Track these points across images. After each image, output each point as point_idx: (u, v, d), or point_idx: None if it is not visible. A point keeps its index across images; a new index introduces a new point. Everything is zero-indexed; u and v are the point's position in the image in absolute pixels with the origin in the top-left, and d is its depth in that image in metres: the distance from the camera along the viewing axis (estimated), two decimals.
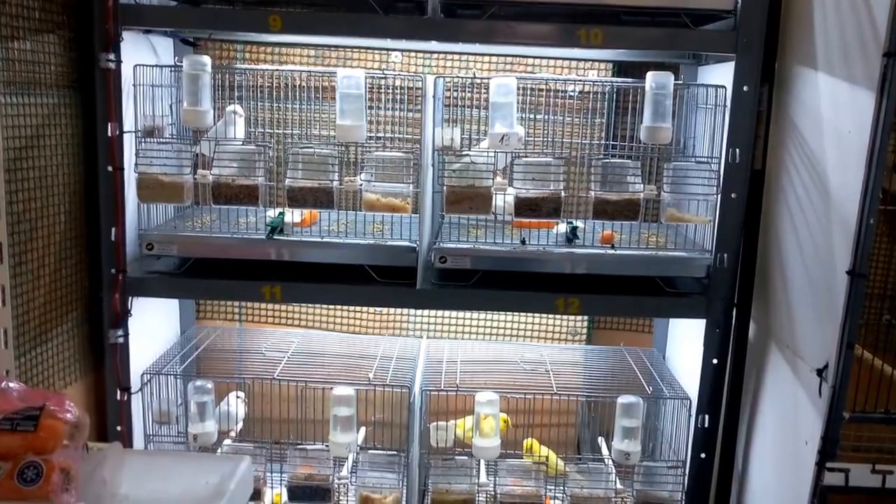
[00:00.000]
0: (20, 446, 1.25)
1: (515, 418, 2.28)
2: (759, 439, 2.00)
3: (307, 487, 2.12)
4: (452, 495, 2.11)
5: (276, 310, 2.56)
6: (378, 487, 2.13)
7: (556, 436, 2.48)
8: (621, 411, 2.10)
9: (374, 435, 2.25)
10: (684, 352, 2.35)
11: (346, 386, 2.09)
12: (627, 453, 2.09)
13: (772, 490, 1.90)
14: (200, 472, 1.49)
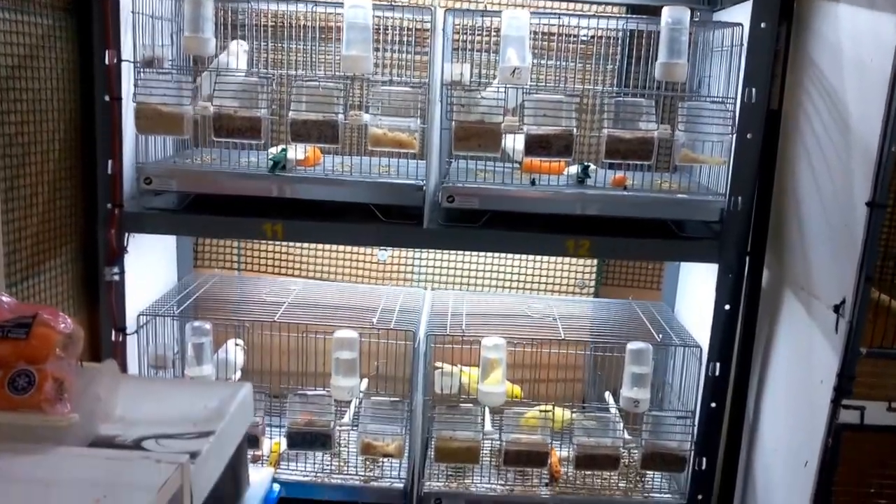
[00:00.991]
0: (11, 354, 1.19)
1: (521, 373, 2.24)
2: (772, 385, 1.95)
3: (307, 434, 2.07)
4: (457, 443, 2.06)
5: (276, 259, 2.51)
6: (380, 434, 2.08)
7: (562, 391, 2.43)
8: (630, 358, 2.05)
9: (376, 383, 2.20)
10: (694, 306, 2.30)
11: (349, 329, 2.04)
12: (636, 400, 2.04)
13: (784, 434, 1.86)
14: (199, 397, 1.43)
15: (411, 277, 2.51)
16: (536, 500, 2.11)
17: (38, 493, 1.07)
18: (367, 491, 2.10)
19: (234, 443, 1.39)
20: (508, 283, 2.50)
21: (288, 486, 2.07)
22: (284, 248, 2.50)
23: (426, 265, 2.49)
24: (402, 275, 2.51)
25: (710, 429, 2.05)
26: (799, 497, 1.72)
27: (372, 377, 2.25)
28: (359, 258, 2.49)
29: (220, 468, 1.31)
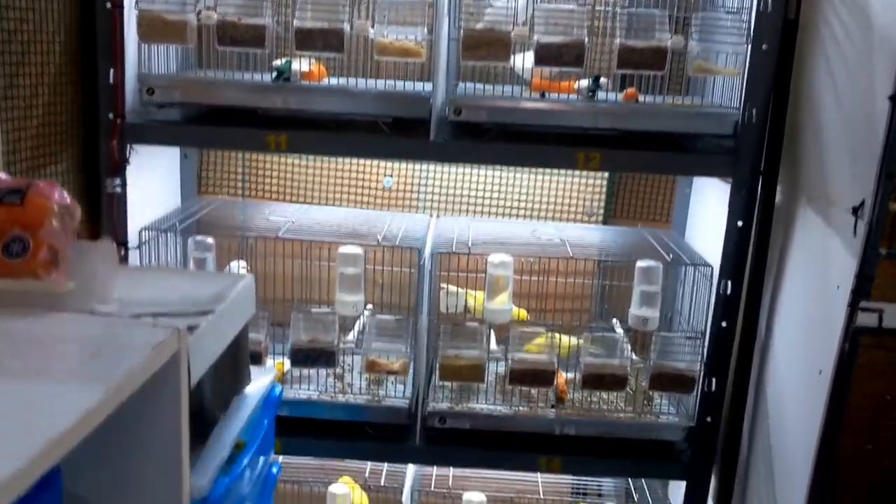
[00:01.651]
0: (6, 220, 1.15)
1: (528, 302, 2.20)
2: (785, 300, 1.90)
3: (311, 351, 2.03)
4: (462, 361, 2.02)
5: (281, 184, 2.47)
6: (385, 352, 2.04)
7: (568, 320, 2.38)
8: (640, 276, 2.00)
9: (381, 303, 2.16)
10: (705, 236, 2.25)
11: (354, 245, 2.00)
12: (645, 318, 2.00)
13: (797, 347, 1.81)
14: (199, 285, 1.39)
15: (416, 205, 2.46)
16: (542, 420, 2.07)
17: (31, 348, 1.03)
18: (371, 410, 2.06)
19: (234, 328, 1.35)
20: (515, 210, 2.45)
21: (291, 406, 2.05)
22: (289, 174, 2.46)
23: (431, 191, 2.44)
24: (408, 202, 2.46)
25: (721, 349, 2.00)
26: (812, 408, 1.67)
27: (376, 304, 2.21)
28: (363, 184, 2.45)
29: (219, 348, 1.27)
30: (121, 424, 1.10)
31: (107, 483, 1.11)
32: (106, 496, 1.11)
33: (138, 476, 1.12)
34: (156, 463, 1.12)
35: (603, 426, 2.08)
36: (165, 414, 1.10)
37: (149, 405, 1.10)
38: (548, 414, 2.08)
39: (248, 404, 1.42)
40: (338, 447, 2.08)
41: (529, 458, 2.07)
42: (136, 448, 1.11)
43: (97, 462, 1.10)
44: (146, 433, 1.11)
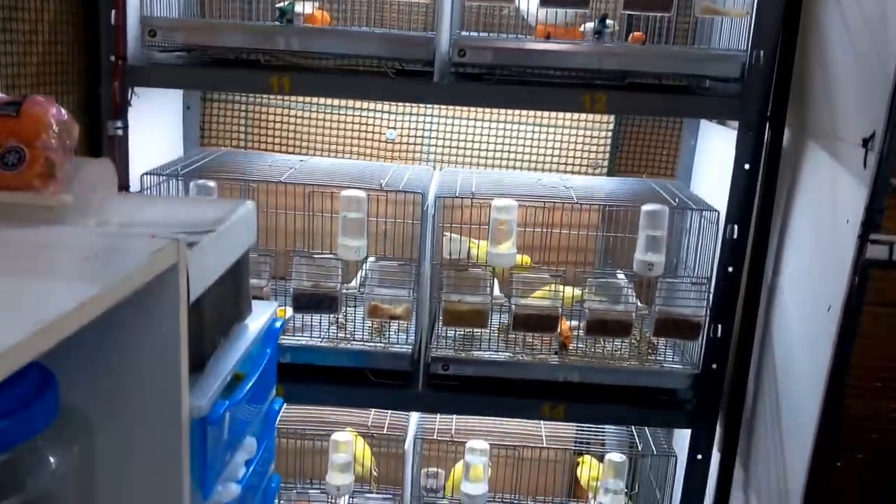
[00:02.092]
0: (1, 131, 1.13)
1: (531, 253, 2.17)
2: (792, 242, 1.87)
3: (313, 296, 2.01)
4: (465, 306, 2.00)
5: (283, 135, 2.44)
6: (388, 297, 2.02)
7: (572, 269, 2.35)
8: (645, 221, 1.97)
9: (384, 248, 2.13)
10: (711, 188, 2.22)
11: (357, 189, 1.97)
12: (650, 263, 1.97)
13: (806, 285, 1.78)
14: (199, 210, 1.37)
15: (420, 157, 2.43)
16: (546, 367, 2.05)
17: (27, 251, 1.01)
18: (373, 356, 2.04)
19: (235, 252, 1.33)
20: (519, 163, 2.42)
21: (293, 352, 2.03)
22: (291, 126, 2.43)
23: (435, 144, 2.41)
24: (411, 154, 2.43)
25: (727, 294, 1.98)
26: (821, 346, 1.65)
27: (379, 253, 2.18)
28: (367, 136, 2.42)
29: (220, 269, 1.25)
30: (119, 338, 1.08)
31: (105, 398, 1.09)
32: (105, 411, 1.09)
33: (137, 392, 1.10)
34: (154, 379, 1.10)
35: (607, 373, 2.05)
36: (164, 328, 1.08)
37: (147, 318, 1.08)
38: (551, 360, 2.05)
39: (250, 335, 1.40)
40: (340, 394, 2.06)
41: (533, 405, 2.05)
42: (135, 363, 1.09)
43: (96, 377, 1.08)
44: (145, 348, 1.09)
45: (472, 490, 2.11)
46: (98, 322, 1.06)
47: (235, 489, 1.24)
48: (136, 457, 1.12)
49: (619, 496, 2.12)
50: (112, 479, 1.12)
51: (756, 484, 1.96)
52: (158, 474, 1.12)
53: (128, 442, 1.11)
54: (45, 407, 0.94)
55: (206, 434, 1.16)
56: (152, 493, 1.13)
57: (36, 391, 0.94)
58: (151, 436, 1.11)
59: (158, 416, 1.10)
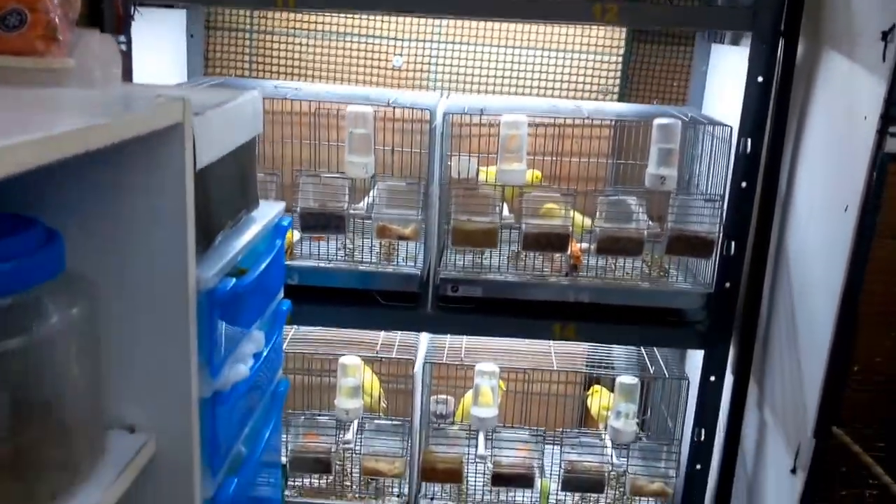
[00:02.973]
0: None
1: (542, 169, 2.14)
2: (807, 150, 1.84)
3: (321, 215, 1.98)
4: (475, 225, 1.97)
5: (289, 62, 2.40)
6: (396, 217, 1.99)
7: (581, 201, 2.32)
8: (657, 134, 1.94)
9: (392, 169, 2.10)
10: (723, 115, 2.18)
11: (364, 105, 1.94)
12: (663, 177, 1.94)
13: (821, 192, 1.75)
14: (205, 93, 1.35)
15: (427, 85, 2.39)
16: (556, 287, 2.02)
17: (32, 103, 0.98)
18: (382, 277, 2.02)
19: (241, 134, 1.30)
20: (529, 89, 2.39)
21: (301, 274, 2.01)
22: (296, 53, 2.40)
23: (442, 71, 2.38)
24: (418, 82, 2.39)
25: (740, 211, 1.94)
26: (838, 250, 1.61)
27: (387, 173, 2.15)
28: (373, 63, 2.38)
29: (225, 144, 1.22)
30: (126, 203, 1.06)
31: (112, 266, 1.07)
32: (111, 279, 1.07)
33: (144, 259, 1.08)
34: (161, 246, 1.08)
35: (618, 294, 2.03)
36: (171, 192, 1.06)
37: (155, 181, 1.05)
38: (562, 281, 2.03)
39: (257, 225, 1.38)
40: (348, 315, 2.05)
41: (543, 326, 2.02)
42: (142, 229, 1.07)
43: (103, 244, 1.06)
44: (152, 213, 1.07)
45: (481, 413, 2.09)
46: (105, 182, 1.04)
47: (244, 370, 1.22)
48: (143, 327, 1.10)
49: (631, 420, 2.09)
50: (118, 349, 1.10)
51: (771, 400, 1.93)
52: (165, 346, 1.10)
53: (134, 311, 1.09)
54: (48, 259, 0.92)
55: (213, 308, 1.14)
56: (159, 364, 1.11)
57: (41, 244, 0.92)
58: (158, 305, 1.09)
59: (165, 285, 1.08)
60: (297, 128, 2.10)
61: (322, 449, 2.15)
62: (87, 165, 1.02)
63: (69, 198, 1.03)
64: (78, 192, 1.03)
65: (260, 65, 2.41)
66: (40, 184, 1.03)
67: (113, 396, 1.12)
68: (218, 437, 1.19)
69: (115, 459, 1.07)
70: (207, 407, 1.17)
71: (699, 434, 2.09)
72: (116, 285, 1.08)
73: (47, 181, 1.02)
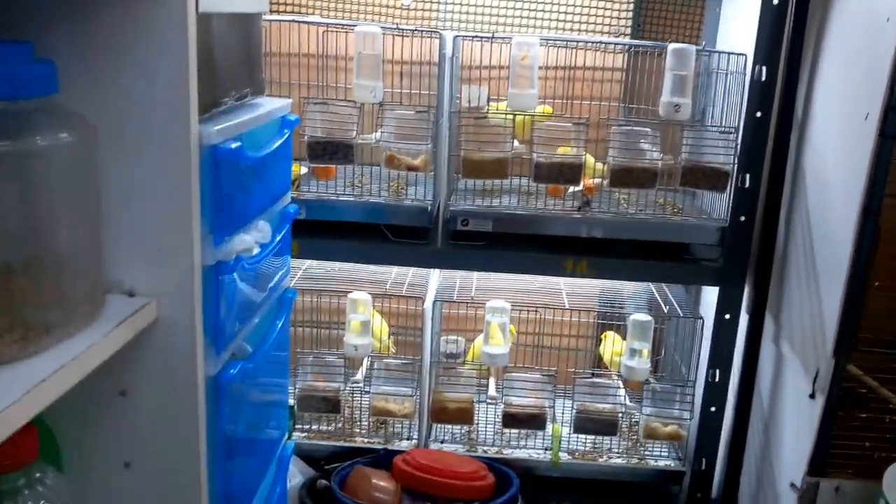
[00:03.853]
0: None
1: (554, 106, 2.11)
2: (825, 72, 1.80)
3: (329, 143, 1.95)
4: (484, 155, 1.94)
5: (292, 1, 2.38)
6: (406, 147, 1.96)
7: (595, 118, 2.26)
8: (672, 59, 1.91)
9: (400, 96, 2.07)
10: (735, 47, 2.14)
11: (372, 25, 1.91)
12: (677, 104, 1.90)
13: (839, 111, 1.70)
14: None
15: (437, 24, 2.36)
16: (569, 221, 1.98)
17: None
18: (391, 211, 1.98)
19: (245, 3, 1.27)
20: (539, 26, 2.35)
21: (309, 207, 1.98)
22: None
23: (452, 9, 2.35)
24: (427, 21, 2.37)
25: (756, 141, 1.91)
26: (859, 156, 1.57)
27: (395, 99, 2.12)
28: (382, 2, 2.36)
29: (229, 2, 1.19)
30: (127, 40, 1.02)
31: (109, 108, 1.04)
32: (108, 123, 1.03)
33: (143, 104, 1.04)
34: (161, 91, 1.04)
35: (632, 228, 1.99)
36: (172, 31, 1.02)
37: (158, 20, 1.02)
38: (574, 215, 1.99)
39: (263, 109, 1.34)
40: (356, 251, 2.01)
41: (555, 261, 1.98)
42: (141, 71, 1.03)
43: (99, 84, 1.02)
44: (152, 54, 1.03)
45: (492, 350, 2.05)
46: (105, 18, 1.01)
47: (249, 241, 1.18)
48: (142, 181, 1.05)
49: (645, 359, 2.04)
50: (116, 206, 1.06)
51: (788, 332, 1.88)
52: (166, 203, 1.06)
53: (131, 162, 1.05)
54: (40, 74, 0.90)
55: (216, 167, 1.10)
56: (159, 223, 1.07)
57: (33, 61, 0.90)
58: (158, 156, 1.05)
59: (165, 134, 1.04)
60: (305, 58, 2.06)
61: (331, 388, 2.11)
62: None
63: (66, 33, 1.00)
64: (76, 27, 1.00)
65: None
66: (37, 17, 1.00)
67: (111, 258, 1.09)
68: (220, 312, 1.15)
69: (113, 314, 1.03)
70: (211, 276, 1.13)
71: (713, 375, 2.04)
72: (114, 132, 1.04)
73: (45, 14, 1.00)
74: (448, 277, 2.26)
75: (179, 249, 1.08)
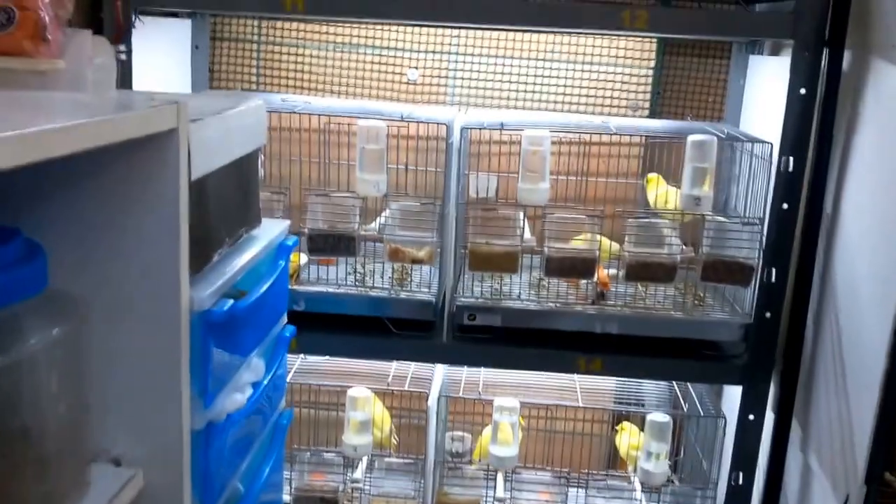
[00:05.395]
0: None
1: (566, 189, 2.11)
2: (856, 168, 1.79)
3: (330, 237, 1.95)
4: (494, 248, 1.93)
5: (298, 75, 2.39)
6: (410, 239, 1.96)
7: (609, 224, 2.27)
8: (691, 151, 1.90)
9: (406, 187, 2.07)
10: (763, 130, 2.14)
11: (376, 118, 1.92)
12: (697, 198, 1.89)
13: (873, 215, 1.69)
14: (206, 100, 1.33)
15: (444, 100, 2.37)
16: (582, 316, 1.97)
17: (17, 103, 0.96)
18: (394, 304, 1.98)
19: (242, 144, 1.28)
20: (552, 103, 2.36)
21: (308, 300, 1.98)
22: (305, 66, 2.39)
23: (460, 85, 2.35)
24: (434, 97, 2.37)
25: (782, 234, 1.89)
26: (892, 271, 1.56)
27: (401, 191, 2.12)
28: (386, 77, 2.37)
29: (224, 155, 1.19)
30: (117, 217, 1.03)
31: (99, 282, 1.04)
32: (97, 296, 1.04)
33: (134, 276, 1.05)
34: (153, 261, 1.04)
35: (649, 324, 1.98)
36: (164, 203, 1.03)
37: (147, 193, 1.03)
38: (588, 310, 1.98)
39: (259, 244, 1.34)
40: (357, 345, 2.01)
41: (567, 358, 1.97)
42: (134, 244, 1.04)
43: (92, 259, 1.03)
44: (144, 227, 1.04)
45: (500, 452, 2.04)
46: (94, 193, 1.02)
47: (241, 399, 1.18)
48: (131, 350, 1.06)
49: (662, 461, 2.03)
50: (104, 375, 1.07)
51: (816, 442, 1.86)
52: (155, 372, 1.07)
53: (122, 333, 1.06)
54: (29, 274, 0.89)
55: (208, 332, 1.10)
56: (148, 392, 1.07)
57: (21, 258, 0.90)
58: (148, 327, 1.06)
59: (156, 305, 1.05)
60: (306, 146, 2.08)
61: (329, 488, 2.10)
62: (75, 175, 1.00)
63: (55, 209, 1.01)
64: (64, 203, 1.01)
65: (268, 77, 2.41)
66: (24, 194, 1.00)
67: (98, 426, 1.09)
68: (211, 473, 1.15)
69: (98, 494, 1.03)
70: (200, 439, 1.13)
71: (737, 478, 2.02)
72: (103, 304, 1.05)
73: (32, 191, 1.00)
74: (454, 369, 2.25)
75: (168, 415, 1.09)
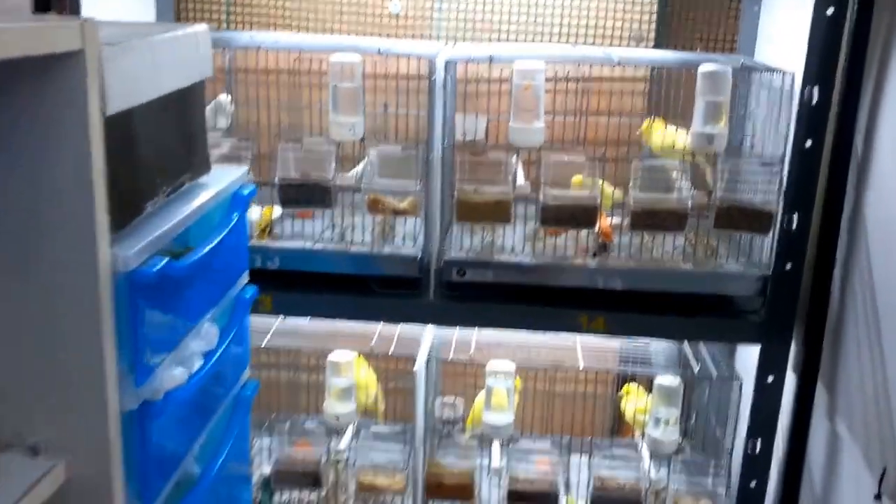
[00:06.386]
0: None
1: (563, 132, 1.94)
2: (891, 102, 1.61)
3: (303, 186, 1.80)
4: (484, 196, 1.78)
5: (271, 12, 2.22)
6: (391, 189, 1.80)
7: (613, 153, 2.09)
8: (703, 84, 1.73)
9: (385, 133, 1.91)
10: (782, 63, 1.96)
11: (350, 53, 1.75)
12: (710, 135, 1.73)
13: None
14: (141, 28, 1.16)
15: (430, 34, 2.19)
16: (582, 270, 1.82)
17: None
18: (377, 260, 1.83)
19: (179, 75, 1.11)
20: (548, 37, 2.18)
21: (283, 257, 1.84)
22: (279, 1, 2.21)
23: (447, 17, 2.17)
24: (419, 31, 2.20)
25: (805, 176, 1.72)
26: None
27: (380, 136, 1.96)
28: (366, 10, 2.19)
29: (155, 86, 1.03)
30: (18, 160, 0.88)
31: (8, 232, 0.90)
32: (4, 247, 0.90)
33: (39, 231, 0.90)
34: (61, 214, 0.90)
35: (656, 278, 1.83)
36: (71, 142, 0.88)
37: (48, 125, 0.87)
38: (589, 264, 1.83)
39: (207, 194, 1.19)
40: (337, 305, 1.87)
41: (567, 317, 1.83)
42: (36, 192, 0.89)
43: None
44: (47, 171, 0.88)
45: (494, 419, 1.91)
46: None
47: (180, 374, 1.03)
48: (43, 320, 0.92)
49: (672, 427, 1.90)
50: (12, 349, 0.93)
51: (846, 409, 1.72)
52: (72, 345, 0.92)
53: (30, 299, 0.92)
54: None
55: (137, 295, 0.95)
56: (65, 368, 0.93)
57: None
58: (61, 292, 0.91)
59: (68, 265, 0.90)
60: (275, 88, 1.92)
61: (311, 460, 1.97)
62: None
63: None
64: None
65: (238, 16, 2.24)
66: None
67: (9, 409, 0.95)
68: (149, 460, 1.01)
69: (10, 488, 0.90)
70: (133, 422, 0.98)
71: (754, 446, 1.88)
72: (5, 264, 0.90)
73: None
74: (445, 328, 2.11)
75: (90, 397, 0.95)
